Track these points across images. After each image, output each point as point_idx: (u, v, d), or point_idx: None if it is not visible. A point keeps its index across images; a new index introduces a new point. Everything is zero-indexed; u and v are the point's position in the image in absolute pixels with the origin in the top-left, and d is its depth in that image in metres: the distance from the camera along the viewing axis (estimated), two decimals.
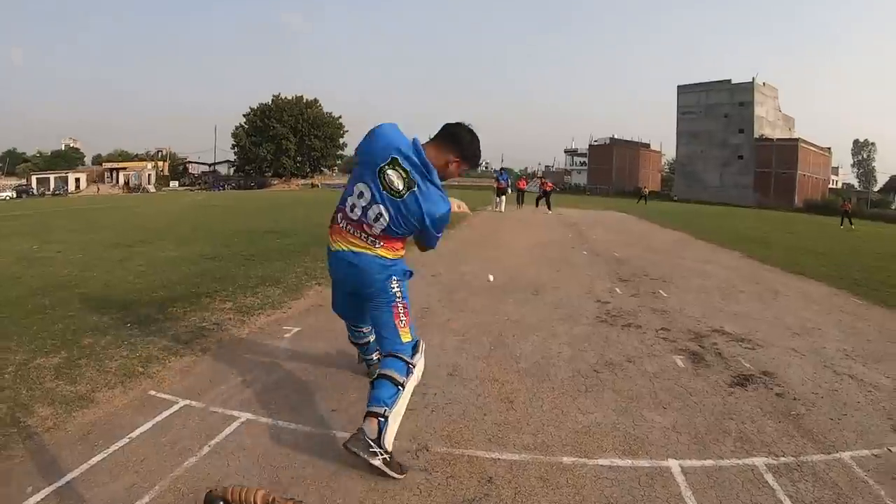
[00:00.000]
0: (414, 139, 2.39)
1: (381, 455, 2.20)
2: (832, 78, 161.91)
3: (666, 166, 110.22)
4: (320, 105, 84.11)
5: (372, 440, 2.20)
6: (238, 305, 4.91)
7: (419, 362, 2.47)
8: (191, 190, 73.97)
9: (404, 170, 2.32)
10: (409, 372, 2.39)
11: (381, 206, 2.35)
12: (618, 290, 6.04)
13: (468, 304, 5.13)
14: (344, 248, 2.47)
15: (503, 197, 21.88)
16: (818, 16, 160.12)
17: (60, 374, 3.30)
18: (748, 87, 76.65)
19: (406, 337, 2.47)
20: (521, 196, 25.59)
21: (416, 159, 2.33)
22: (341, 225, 2.48)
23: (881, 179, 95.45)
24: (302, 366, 3.50)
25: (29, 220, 19.41)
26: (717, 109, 79.91)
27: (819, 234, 19.29)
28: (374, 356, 3.05)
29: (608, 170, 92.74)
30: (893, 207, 73.70)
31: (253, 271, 6.68)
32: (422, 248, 2.66)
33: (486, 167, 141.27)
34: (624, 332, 4.32)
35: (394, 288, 2.48)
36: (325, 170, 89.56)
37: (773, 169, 73.10)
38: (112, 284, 5.92)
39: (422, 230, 2.45)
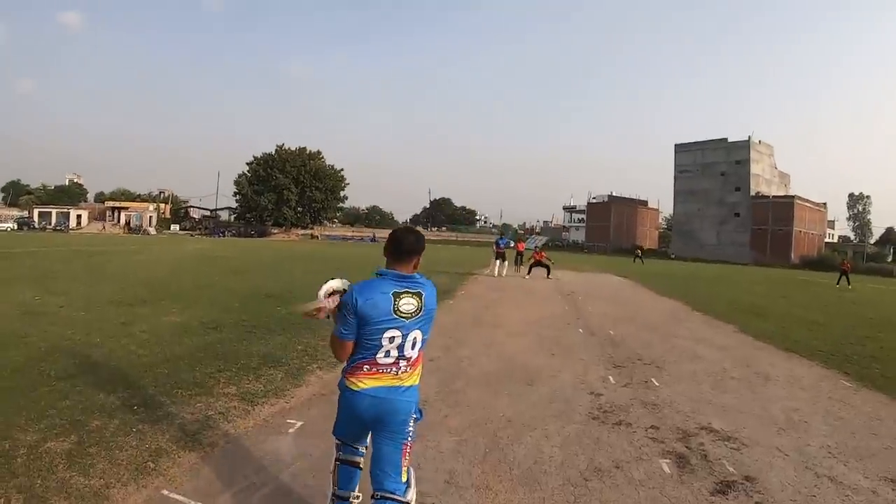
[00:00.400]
0: (391, 273, 2.57)
1: None
2: (827, 132, 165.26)
3: (663, 223, 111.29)
4: (323, 157, 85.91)
5: None
6: (242, 391, 5.07)
7: (412, 496, 2.62)
8: (191, 235, 74.70)
9: (410, 292, 2.55)
10: None
11: (415, 331, 2.56)
12: (611, 378, 6.21)
13: (465, 397, 5.29)
14: (372, 385, 2.54)
15: (503, 262, 21.80)
16: (812, 73, 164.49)
17: (73, 463, 3.43)
18: (744, 146, 78.16)
19: (405, 476, 2.60)
20: (519, 258, 25.73)
21: (406, 282, 2.56)
22: (370, 370, 2.54)
23: (877, 232, 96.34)
24: (308, 467, 3.64)
25: (30, 261, 19.70)
26: (713, 168, 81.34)
27: (814, 299, 19.52)
28: (353, 500, 2.86)
29: (606, 227, 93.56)
30: (889, 261, 74.13)
31: (255, 347, 6.89)
32: None
33: (485, 222, 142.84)
34: (614, 432, 4.48)
35: (410, 427, 2.61)
36: (326, 221, 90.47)
37: (770, 226, 73.85)
38: (116, 355, 6.14)
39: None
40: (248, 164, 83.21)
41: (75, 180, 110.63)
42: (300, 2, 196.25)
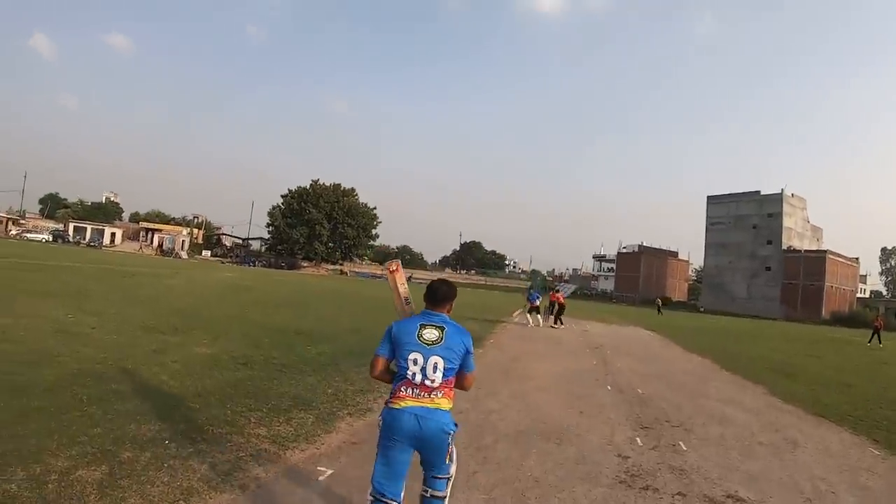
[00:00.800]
0: (424, 312, 3.35)
1: None
2: (860, 185, 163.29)
3: (693, 275, 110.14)
4: (356, 195, 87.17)
5: None
6: (273, 434, 5.19)
7: (453, 470, 3.33)
8: (222, 262, 75.92)
9: (433, 325, 3.20)
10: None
11: (435, 357, 3.09)
12: (639, 440, 6.27)
13: (495, 454, 5.41)
14: (412, 405, 3.05)
15: (537, 315, 22.30)
16: (846, 126, 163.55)
17: (104, 495, 3.49)
18: (777, 199, 77.67)
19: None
20: (551, 308, 25.43)
21: (432, 318, 3.27)
22: (406, 391, 3.09)
23: None
24: None
25: (65, 276, 20.50)
26: (745, 221, 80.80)
27: (845, 358, 19.21)
28: None
29: (635, 277, 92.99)
30: None
31: (285, 387, 7.08)
32: (463, 387, 3.37)
33: (514, 267, 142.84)
34: (641, 497, 4.56)
35: (450, 444, 3.16)
36: (356, 258, 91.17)
37: (801, 281, 72.73)
38: (148, 384, 6.38)
39: (465, 356, 3.23)
40: (282, 196, 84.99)
41: (112, 198, 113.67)
42: (342, 38, 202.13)
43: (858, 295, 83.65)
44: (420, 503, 3.28)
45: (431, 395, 3.06)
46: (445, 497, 3.24)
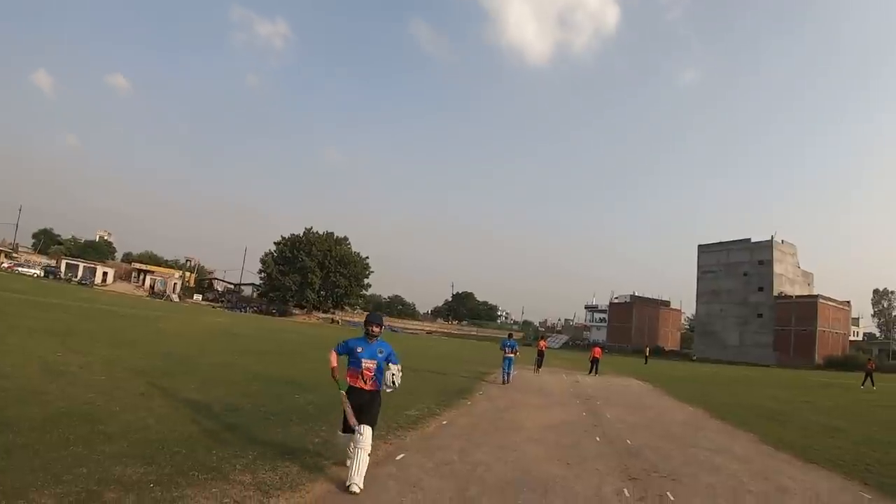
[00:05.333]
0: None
1: None
2: (850, 227, 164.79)
3: (686, 324, 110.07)
4: (349, 243, 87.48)
5: None
6: (257, 481, 5.14)
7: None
8: (213, 306, 75.46)
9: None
10: None
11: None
12: (626, 491, 6.19)
13: None
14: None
15: (510, 366, 18.53)
16: (835, 170, 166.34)
17: None
18: (767, 246, 78.41)
19: None
20: (540, 358, 25.25)
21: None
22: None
23: None
24: None
25: (54, 313, 20.25)
26: (736, 268, 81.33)
27: (836, 403, 19.15)
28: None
29: (628, 328, 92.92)
30: None
31: (272, 436, 7.03)
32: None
33: (506, 318, 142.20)
34: None
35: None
36: (347, 307, 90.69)
37: (793, 327, 72.75)
38: (134, 427, 6.33)
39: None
40: (275, 243, 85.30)
41: (105, 237, 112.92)
42: (335, 85, 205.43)
43: (851, 338, 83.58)
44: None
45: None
46: None
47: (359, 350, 5.87)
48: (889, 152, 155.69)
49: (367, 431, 5.45)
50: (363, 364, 5.85)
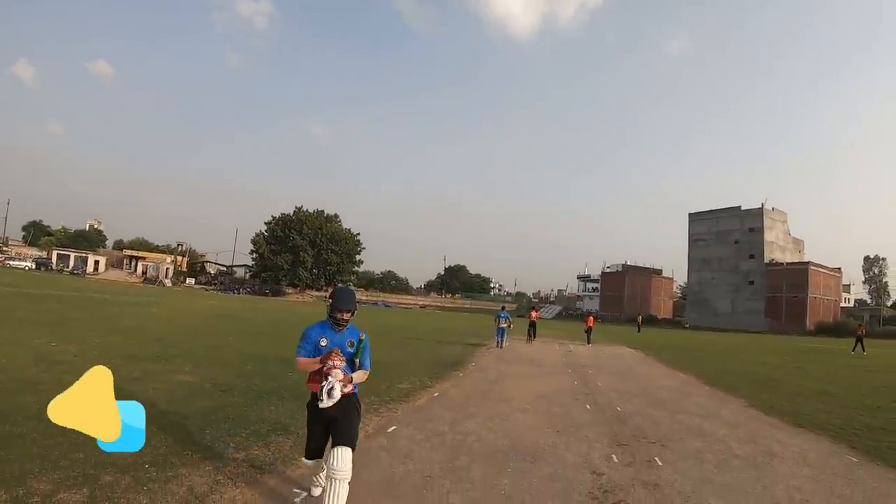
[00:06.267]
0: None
1: None
2: (841, 195, 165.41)
3: (678, 292, 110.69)
4: (340, 220, 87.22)
5: None
6: (250, 458, 5.20)
7: None
8: (206, 289, 75.53)
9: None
10: None
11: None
12: (614, 457, 6.24)
13: (469, 474, 5.34)
14: None
15: (504, 334, 21.43)
16: (824, 136, 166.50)
17: None
18: (758, 213, 78.58)
19: None
20: (532, 329, 25.51)
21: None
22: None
23: (894, 294, 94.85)
24: None
25: (47, 304, 20.33)
26: (727, 236, 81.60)
27: (827, 369, 19.34)
28: None
29: (620, 297, 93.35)
30: None
31: (265, 413, 7.08)
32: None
33: (499, 290, 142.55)
34: None
35: None
36: (340, 284, 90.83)
37: (784, 293, 73.34)
38: None
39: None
40: (266, 223, 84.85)
41: (95, 226, 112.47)
42: (321, 64, 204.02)
43: (843, 304, 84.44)
44: None
45: None
46: None
47: (322, 343, 4.26)
48: (879, 117, 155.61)
49: (343, 455, 3.89)
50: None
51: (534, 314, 27.07)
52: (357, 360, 4.25)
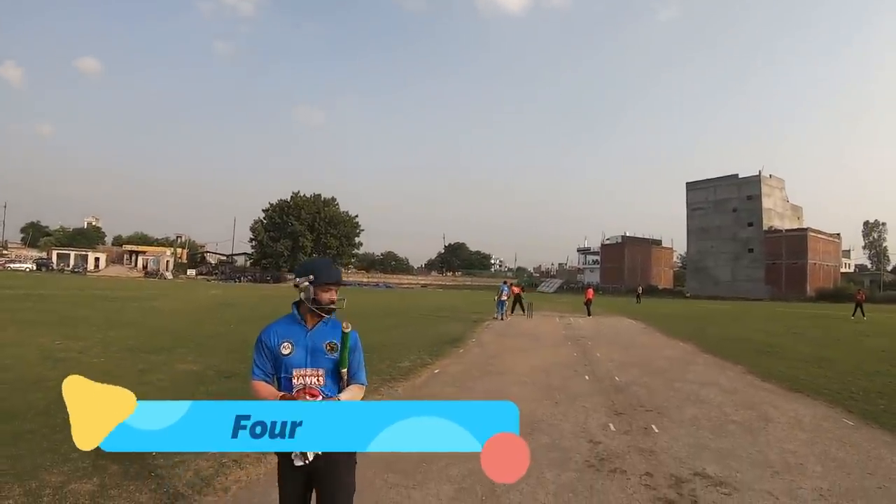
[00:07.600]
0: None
1: None
2: (839, 160, 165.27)
3: (678, 262, 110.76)
4: (337, 204, 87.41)
5: None
6: None
7: None
8: (207, 280, 75.95)
9: None
10: None
11: None
12: (611, 425, 6.32)
13: None
14: None
15: (503, 307, 23.28)
16: (822, 102, 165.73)
17: None
18: (755, 181, 78.27)
19: None
20: (519, 303, 26.12)
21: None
22: None
23: (894, 259, 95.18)
24: None
25: (50, 304, 20.53)
26: (725, 204, 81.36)
27: (826, 334, 19.40)
28: None
29: (620, 268, 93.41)
30: None
31: None
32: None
33: (500, 265, 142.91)
34: (608, 480, 4.61)
35: None
36: (341, 267, 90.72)
37: (784, 260, 73.39)
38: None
39: None
40: (263, 210, 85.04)
41: (93, 223, 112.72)
42: (311, 47, 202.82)
43: (843, 270, 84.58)
44: None
45: None
46: None
47: (284, 352, 2.82)
48: (876, 83, 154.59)
49: None
50: (295, 378, 2.78)
51: (515, 289, 27.53)
52: (344, 371, 2.74)
